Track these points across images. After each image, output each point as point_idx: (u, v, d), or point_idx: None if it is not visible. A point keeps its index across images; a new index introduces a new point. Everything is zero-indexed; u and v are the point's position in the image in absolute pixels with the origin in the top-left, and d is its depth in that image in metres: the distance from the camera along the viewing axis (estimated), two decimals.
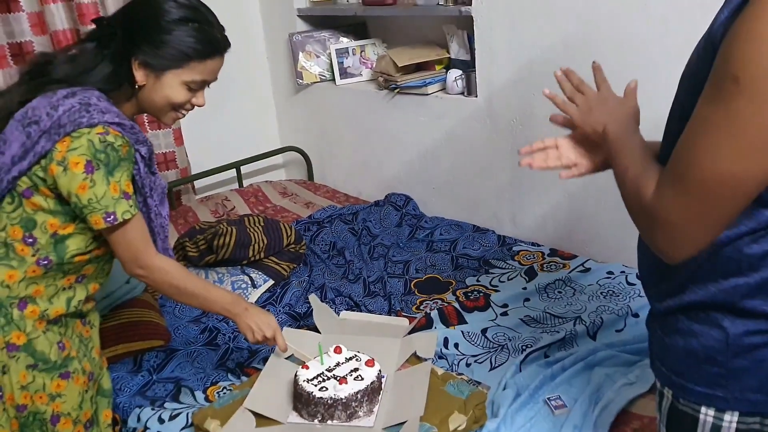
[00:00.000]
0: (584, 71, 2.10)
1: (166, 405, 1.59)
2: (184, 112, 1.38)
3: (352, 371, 1.42)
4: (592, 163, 1.19)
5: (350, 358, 1.47)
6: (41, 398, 1.31)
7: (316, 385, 1.37)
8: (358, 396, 1.35)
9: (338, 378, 1.38)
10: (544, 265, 2.11)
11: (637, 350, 1.61)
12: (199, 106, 1.37)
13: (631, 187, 0.89)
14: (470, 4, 2.22)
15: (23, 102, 1.26)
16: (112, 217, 1.23)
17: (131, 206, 1.26)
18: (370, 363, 1.44)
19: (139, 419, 1.55)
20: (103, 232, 1.28)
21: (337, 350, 1.48)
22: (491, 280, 2.07)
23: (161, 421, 1.52)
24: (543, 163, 1.20)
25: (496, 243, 2.32)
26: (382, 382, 1.45)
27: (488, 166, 2.40)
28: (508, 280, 2.06)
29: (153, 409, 1.56)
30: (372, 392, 1.38)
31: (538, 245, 2.26)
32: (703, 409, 0.89)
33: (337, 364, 1.44)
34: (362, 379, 1.39)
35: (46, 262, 1.28)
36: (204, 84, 1.35)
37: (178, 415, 1.52)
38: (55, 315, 1.32)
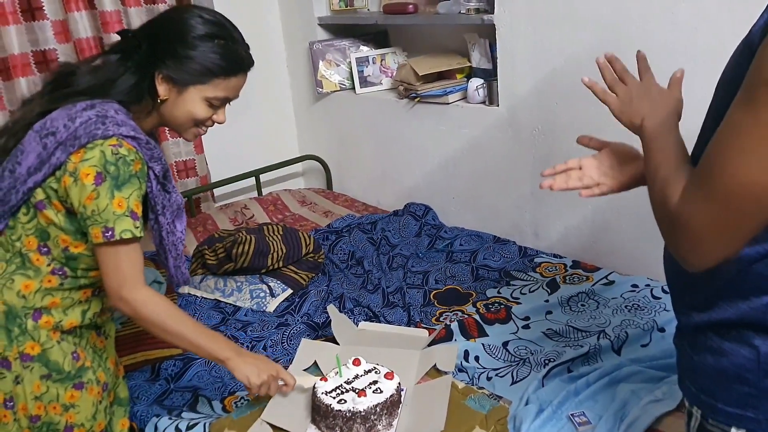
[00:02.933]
0: None
1: (184, 414, 1.57)
2: (205, 128, 1.37)
3: (371, 384, 1.39)
4: (616, 183, 1.18)
5: (369, 371, 1.44)
6: (55, 408, 1.30)
7: (334, 398, 1.35)
8: (378, 409, 1.33)
9: (357, 390, 1.36)
10: (567, 278, 2.07)
11: (663, 366, 1.57)
12: (219, 123, 1.36)
13: (659, 188, 0.86)
14: (492, 13, 2.20)
15: (43, 113, 1.25)
16: (110, 232, 1.19)
17: (136, 227, 1.21)
18: (389, 376, 1.41)
19: (156, 428, 1.54)
20: (96, 249, 1.22)
21: (356, 362, 1.46)
22: (512, 292, 2.04)
23: (178, 430, 1.51)
24: (564, 184, 1.20)
25: (517, 254, 2.28)
26: (401, 395, 1.43)
27: (509, 176, 2.37)
28: (530, 292, 2.03)
29: (170, 419, 1.55)
30: (391, 405, 1.36)
31: (561, 257, 2.23)
32: (733, 430, 0.86)
33: (356, 377, 1.42)
34: (381, 391, 1.36)
35: (61, 272, 1.28)
36: (226, 101, 1.34)
37: (195, 425, 1.51)
38: (70, 326, 1.31)
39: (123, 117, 1.24)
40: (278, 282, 2.18)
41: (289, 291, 2.17)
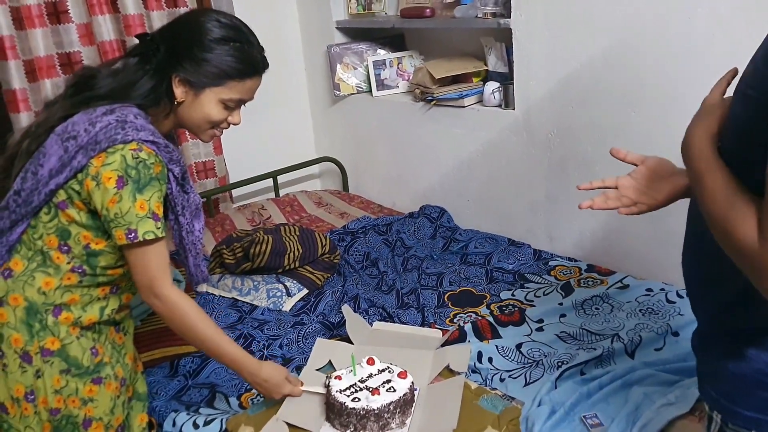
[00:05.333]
0: (624, 85, 2.08)
1: (201, 410, 1.61)
2: (220, 129, 1.39)
3: (384, 383, 1.41)
4: (653, 201, 1.16)
5: (383, 370, 1.46)
6: (74, 402, 1.33)
7: (348, 396, 1.37)
8: (391, 407, 1.35)
9: (371, 389, 1.38)
10: (581, 281, 2.08)
11: (677, 369, 1.57)
12: (234, 124, 1.39)
13: (720, 227, 0.79)
14: (509, 17, 2.21)
15: (65, 116, 1.29)
16: (133, 234, 1.22)
17: (158, 228, 1.24)
18: (402, 375, 1.43)
19: (174, 424, 1.57)
20: (123, 250, 1.27)
21: (370, 362, 1.48)
22: (526, 294, 2.05)
23: (196, 426, 1.54)
24: (604, 204, 1.18)
25: (531, 257, 2.29)
26: (414, 395, 1.44)
27: (524, 180, 2.38)
28: (544, 295, 2.04)
29: (188, 414, 1.58)
30: (404, 404, 1.38)
31: (575, 260, 2.23)
32: None
33: (370, 376, 1.44)
34: (395, 390, 1.38)
35: (80, 270, 1.30)
36: (241, 103, 1.37)
37: (212, 420, 1.54)
38: (89, 322, 1.34)
39: (142, 122, 1.27)
40: (294, 282, 2.21)
41: (305, 291, 2.20)
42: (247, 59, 1.32)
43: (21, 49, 2.34)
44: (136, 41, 1.36)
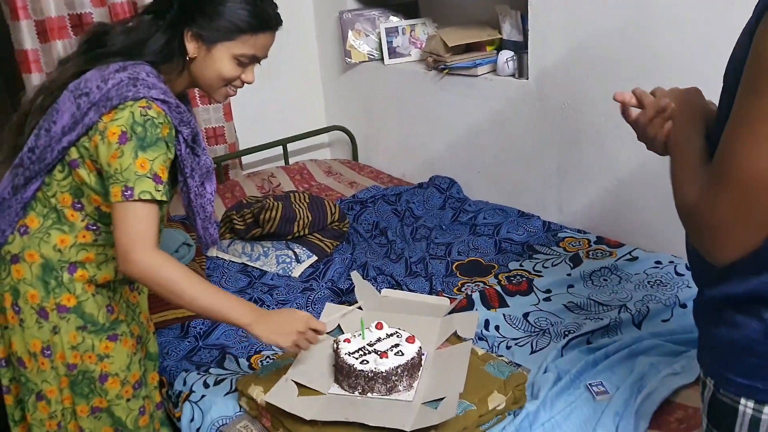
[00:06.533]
0: (639, 56, 2.04)
1: (212, 370, 1.63)
2: (234, 88, 1.38)
3: (393, 347, 1.43)
4: None
5: (391, 334, 1.48)
6: (90, 358, 1.36)
7: (357, 359, 1.39)
8: (399, 370, 1.37)
9: (379, 352, 1.40)
10: (590, 253, 2.08)
11: (683, 341, 1.58)
12: (248, 82, 1.37)
13: (679, 186, 0.87)
14: None
15: (78, 73, 1.29)
16: (129, 192, 1.18)
17: (157, 191, 1.20)
18: (410, 339, 1.45)
19: (185, 383, 1.60)
20: (113, 207, 1.21)
21: (379, 326, 1.49)
22: (534, 265, 2.06)
23: (206, 385, 1.56)
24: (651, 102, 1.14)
25: (540, 229, 2.29)
26: (422, 359, 1.46)
27: (536, 151, 2.36)
28: (552, 266, 2.04)
29: (199, 374, 1.61)
30: (412, 368, 1.40)
31: (585, 232, 2.23)
32: (742, 401, 0.88)
33: (378, 340, 1.46)
34: (403, 354, 1.40)
35: (94, 227, 1.32)
36: (254, 59, 1.35)
37: (222, 380, 1.57)
38: (103, 280, 1.36)
39: (154, 80, 1.26)
40: (304, 248, 2.22)
41: (314, 258, 2.21)
42: (260, 13, 1.30)
43: (32, 9, 2.33)
44: (147, 2, 1.35)
